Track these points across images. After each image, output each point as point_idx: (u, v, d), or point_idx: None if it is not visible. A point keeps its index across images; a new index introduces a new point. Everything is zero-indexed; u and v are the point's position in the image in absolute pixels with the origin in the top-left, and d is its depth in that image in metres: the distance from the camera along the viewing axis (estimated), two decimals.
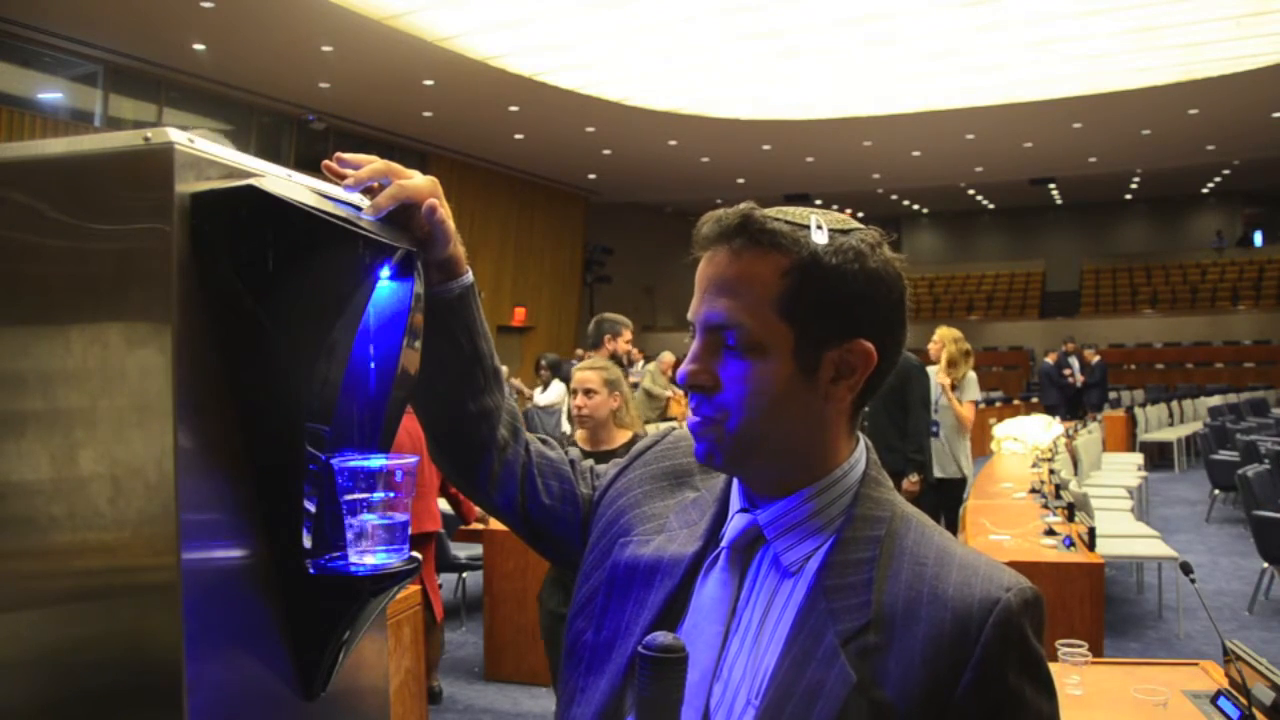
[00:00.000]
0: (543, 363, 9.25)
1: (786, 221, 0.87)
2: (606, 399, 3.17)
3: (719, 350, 0.87)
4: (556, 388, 8.76)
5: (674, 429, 1.09)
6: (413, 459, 0.94)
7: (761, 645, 0.86)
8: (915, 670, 0.80)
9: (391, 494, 0.91)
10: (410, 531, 0.95)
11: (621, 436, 3.21)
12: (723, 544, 0.92)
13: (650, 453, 1.08)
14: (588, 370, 3.22)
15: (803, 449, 0.89)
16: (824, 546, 0.88)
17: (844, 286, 0.86)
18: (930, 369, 5.97)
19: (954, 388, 5.89)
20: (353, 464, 0.90)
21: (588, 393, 3.15)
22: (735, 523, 0.92)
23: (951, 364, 5.91)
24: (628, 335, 4.92)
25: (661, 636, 0.79)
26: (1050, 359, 13.92)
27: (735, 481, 0.96)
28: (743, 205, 0.89)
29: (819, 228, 0.87)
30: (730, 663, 0.87)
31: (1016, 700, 0.80)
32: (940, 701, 0.79)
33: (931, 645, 0.80)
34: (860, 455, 0.92)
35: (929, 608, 0.81)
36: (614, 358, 4.93)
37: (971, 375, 5.97)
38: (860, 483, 0.91)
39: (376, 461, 0.91)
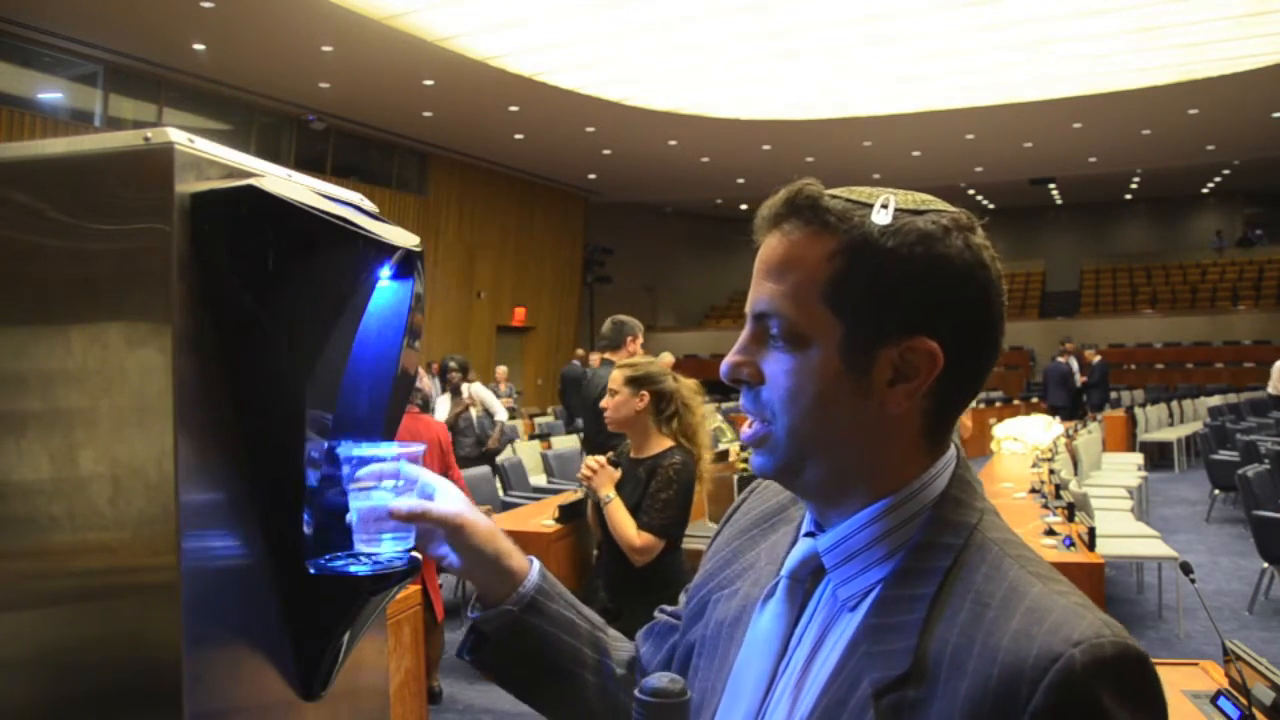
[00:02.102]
0: (452, 364, 7.55)
1: (846, 199, 0.77)
2: (628, 399, 2.91)
3: (764, 341, 0.78)
4: (445, 402, 7.48)
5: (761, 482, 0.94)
6: (418, 447, 0.94)
7: (804, 688, 0.75)
8: None
9: (401, 483, 0.90)
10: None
11: (660, 444, 2.93)
12: (781, 573, 0.82)
13: (738, 510, 0.99)
14: (613, 369, 3.01)
15: (857, 461, 0.76)
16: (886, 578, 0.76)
17: (901, 273, 0.73)
18: None
19: None
20: (359, 452, 0.89)
21: (611, 393, 2.93)
22: (797, 549, 0.82)
23: None
24: (640, 340, 4.91)
25: (656, 679, 0.72)
26: (1063, 359, 13.90)
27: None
28: (798, 181, 0.78)
29: (884, 206, 0.75)
30: (773, 706, 0.77)
31: None
32: None
33: (972, 707, 0.65)
34: (942, 470, 0.78)
35: (978, 660, 0.66)
36: None
37: None
38: (935, 503, 0.76)
39: (387, 449, 0.90)
